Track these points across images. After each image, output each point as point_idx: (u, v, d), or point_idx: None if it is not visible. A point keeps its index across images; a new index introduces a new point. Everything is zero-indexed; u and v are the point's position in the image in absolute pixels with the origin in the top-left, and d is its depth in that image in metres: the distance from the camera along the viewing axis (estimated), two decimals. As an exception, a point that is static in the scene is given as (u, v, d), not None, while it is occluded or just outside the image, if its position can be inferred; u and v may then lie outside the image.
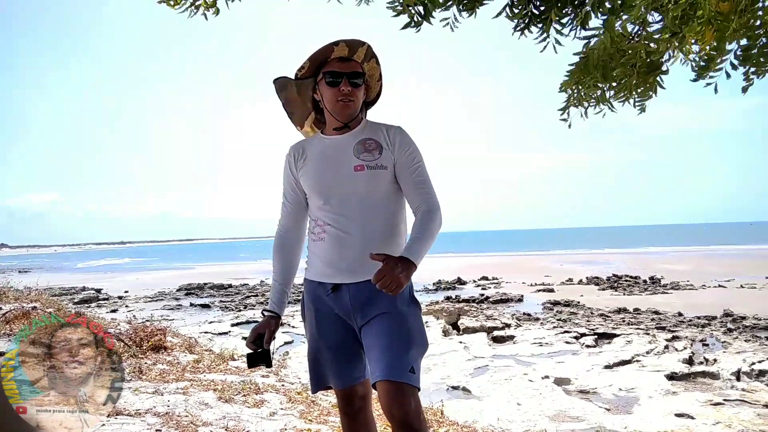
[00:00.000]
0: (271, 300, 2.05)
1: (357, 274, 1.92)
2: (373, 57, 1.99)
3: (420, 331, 1.92)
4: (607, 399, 7.68)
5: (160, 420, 3.22)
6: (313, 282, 2.02)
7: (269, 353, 1.96)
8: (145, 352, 4.90)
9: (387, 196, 1.97)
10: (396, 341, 1.83)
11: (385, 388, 1.77)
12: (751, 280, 21.31)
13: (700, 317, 13.70)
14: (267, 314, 2.01)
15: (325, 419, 3.66)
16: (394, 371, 1.77)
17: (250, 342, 1.96)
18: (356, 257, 1.92)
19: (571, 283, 23.42)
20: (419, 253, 1.82)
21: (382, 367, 1.78)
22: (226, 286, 25.99)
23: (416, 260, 1.79)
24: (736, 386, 7.95)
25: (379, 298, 1.89)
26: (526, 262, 38.61)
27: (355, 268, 1.92)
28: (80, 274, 40.99)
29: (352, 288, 1.93)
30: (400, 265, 1.74)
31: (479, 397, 7.84)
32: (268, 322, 1.99)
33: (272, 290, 2.07)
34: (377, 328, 1.87)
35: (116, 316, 11.39)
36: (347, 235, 1.93)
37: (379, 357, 1.81)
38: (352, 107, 1.96)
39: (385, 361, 1.79)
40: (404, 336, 1.85)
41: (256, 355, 1.95)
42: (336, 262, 1.94)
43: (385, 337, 1.84)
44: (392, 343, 1.83)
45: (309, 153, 2.04)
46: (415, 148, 2.00)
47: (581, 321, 13.84)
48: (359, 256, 1.91)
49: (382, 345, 1.83)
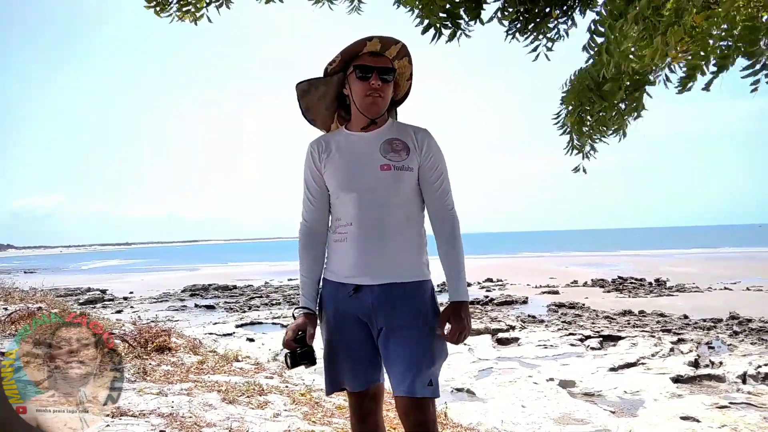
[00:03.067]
0: (305, 297, 2.00)
1: (380, 276, 1.90)
2: (406, 56, 1.97)
3: (441, 342, 1.93)
4: (612, 402, 7.65)
5: (164, 421, 3.22)
6: (334, 282, 1.99)
7: (313, 351, 1.89)
8: (149, 353, 4.90)
9: (411, 198, 1.96)
10: (420, 358, 1.85)
11: (407, 401, 1.83)
12: (757, 283, 21.19)
13: (706, 320, 13.62)
14: (304, 311, 1.96)
15: (329, 421, 3.65)
16: (418, 389, 1.81)
17: (290, 340, 1.88)
18: (379, 259, 1.91)
19: (576, 285, 23.33)
20: (465, 288, 1.96)
21: (407, 384, 1.82)
22: (230, 287, 26.02)
23: (467, 297, 1.96)
24: (742, 389, 7.91)
25: (402, 305, 1.90)
26: (531, 264, 38.51)
27: (379, 269, 1.91)
28: (85, 275, 41.15)
29: (375, 290, 1.90)
30: (464, 313, 1.90)
31: (483, 400, 7.82)
32: (307, 318, 1.94)
33: (304, 287, 2.02)
34: (402, 343, 1.87)
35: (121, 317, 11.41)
36: (370, 236, 1.91)
37: (404, 372, 1.83)
38: (380, 103, 1.93)
39: (409, 379, 1.82)
40: (428, 352, 1.87)
41: (299, 354, 1.87)
42: (359, 263, 1.92)
43: (409, 352, 1.85)
44: (417, 360, 1.84)
45: (333, 147, 2.00)
46: (440, 154, 1.99)
47: (586, 323, 13.78)
48: (382, 258, 1.90)
49: (406, 361, 1.84)
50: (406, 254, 1.93)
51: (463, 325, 1.88)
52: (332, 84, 2.00)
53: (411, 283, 1.92)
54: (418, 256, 1.97)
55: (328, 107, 2.05)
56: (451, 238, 1.97)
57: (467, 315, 1.90)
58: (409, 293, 1.92)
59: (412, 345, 1.85)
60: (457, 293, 1.93)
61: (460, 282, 1.95)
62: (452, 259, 1.96)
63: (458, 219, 2.01)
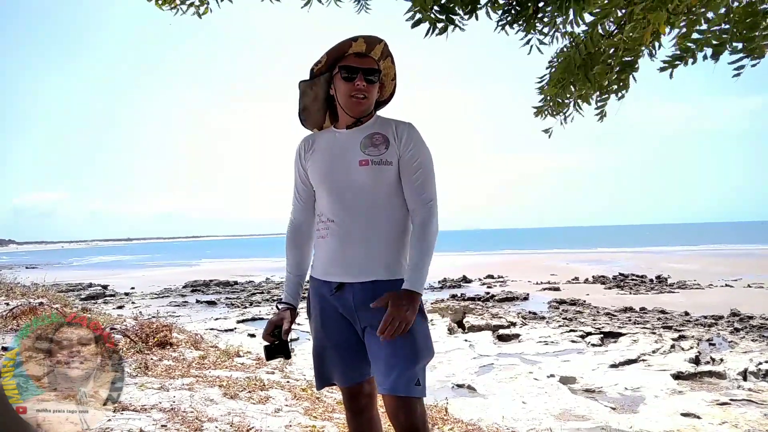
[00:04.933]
0: (286, 292, 2.03)
1: (361, 274, 1.90)
2: (389, 56, 1.97)
3: (425, 341, 1.89)
4: (613, 398, 7.65)
5: (165, 415, 3.23)
6: (318, 280, 2.00)
7: (287, 344, 1.93)
8: (150, 348, 4.91)
9: (392, 193, 1.93)
10: (403, 357, 1.82)
11: (393, 401, 1.80)
12: (758, 280, 21.18)
13: (707, 317, 13.63)
14: (283, 306, 1.99)
15: (330, 416, 3.66)
16: (402, 387, 1.79)
17: (267, 334, 1.93)
18: (360, 256, 1.90)
19: (577, 282, 23.34)
20: (420, 280, 1.85)
21: (390, 382, 1.79)
22: (231, 283, 26.07)
23: (420, 289, 1.85)
24: (742, 386, 7.91)
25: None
26: (532, 260, 38.51)
27: (359, 267, 1.90)
28: (87, 271, 41.19)
29: (356, 287, 1.90)
30: (405, 301, 1.80)
31: (484, 396, 7.83)
32: (285, 313, 1.97)
33: (287, 282, 2.05)
34: (384, 342, 1.84)
35: (123, 313, 11.44)
36: (351, 233, 1.90)
37: (387, 371, 1.81)
38: (365, 104, 1.93)
39: (393, 377, 1.79)
40: (412, 350, 1.84)
41: (274, 347, 1.92)
42: (340, 261, 1.92)
43: (392, 351, 1.82)
44: (400, 358, 1.81)
45: (317, 146, 2.02)
46: (420, 146, 1.94)
47: (587, 320, 13.79)
48: (363, 256, 1.90)
49: (389, 360, 1.82)
50: (387, 252, 1.91)
51: (400, 315, 1.77)
52: (320, 85, 1.99)
53: (392, 281, 1.90)
54: (399, 253, 1.94)
55: (320, 108, 2.04)
56: (422, 229, 1.90)
57: (411, 307, 1.80)
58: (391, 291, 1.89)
59: (395, 343, 1.81)
60: (411, 282, 1.84)
61: (418, 273, 1.85)
62: (418, 249, 1.87)
63: (436, 213, 1.93)
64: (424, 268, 1.87)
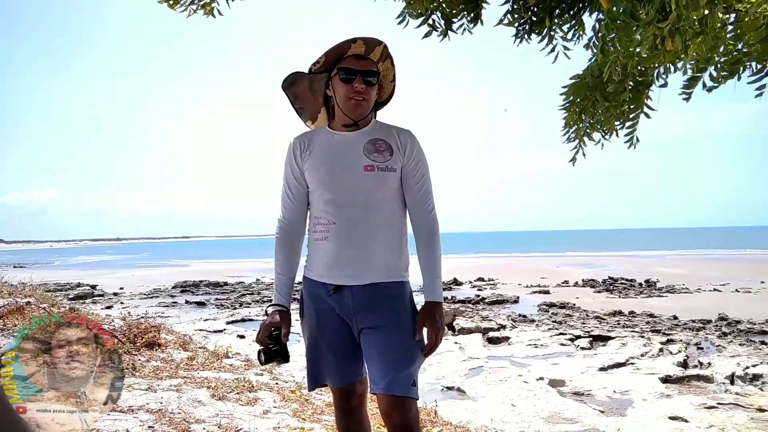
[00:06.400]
0: (279, 294, 1.99)
1: (360, 276, 1.90)
2: (388, 57, 1.97)
3: (420, 342, 1.93)
4: (602, 401, 7.69)
5: (152, 417, 3.20)
6: (314, 281, 1.98)
7: (287, 348, 1.90)
8: (138, 349, 4.87)
9: (393, 199, 1.96)
10: (400, 358, 1.85)
11: (388, 401, 1.82)
12: (746, 284, 21.39)
13: (695, 321, 13.73)
14: (277, 308, 1.95)
15: (319, 418, 3.64)
16: (398, 387, 1.81)
17: (265, 337, 1.89)
18: (360, 259, 1.90)
19: (567, 286, 23.45)
20: (439, 289, 1.97)
21: (387, 382, 1.82)
22: (221, 283, 25.97)
23: (441, 297, 1.97)
24: (730, 390, 7.97)
25: (381, 305, 1.90)
26: (523, 263, 38.64)
27: (359, 270, 1.90)
28: (76, 270, 40.85)
29: (355, 290, 1.91)
30: (437, 315, 1.91)
31: (473, 398, 7.85)
32: (282, 316, 1.94)
33: (279, 284, 2.01)
34: (381, 342, 1.87)
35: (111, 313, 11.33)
36: (352, 236, 1.90)
37: (383, 372, 1.83)
38: (363, 106, 1.92)
39: (389, 377, 1.82)
40: (408, 351, 1.88)
41: (272, 350, 1.88)
42: (339, 264, 1.91)
43: (388, 352, 1.86)
44: (396, 359, 1.85)
45: (316, 146, 1.99)
46: (422, 156, 1.99)
47: (576, 323, 13.85)
48: (363, 259, 1.90)
49: (385, 360, 1.85)
50: (387, 255, 1.93)
51: (438, 327, 1.91)
52: (319, 81, 1.98)
53: (391, 283, 1.93)
54: (398, 257, 1.96)
55: (316, 97, 2.03)
56: (429, 239, 1.98)
57: (441, 316, 1.94)
58: (389, 294, 1.92)
59: (392, 345, 1.86)
60: (433, 294, 1.95)
61: (435, 283, 1.96)
62: (430, 260, 1.97)
63: (438, 220, 2.01)
64: (439, 277, 1.99)
